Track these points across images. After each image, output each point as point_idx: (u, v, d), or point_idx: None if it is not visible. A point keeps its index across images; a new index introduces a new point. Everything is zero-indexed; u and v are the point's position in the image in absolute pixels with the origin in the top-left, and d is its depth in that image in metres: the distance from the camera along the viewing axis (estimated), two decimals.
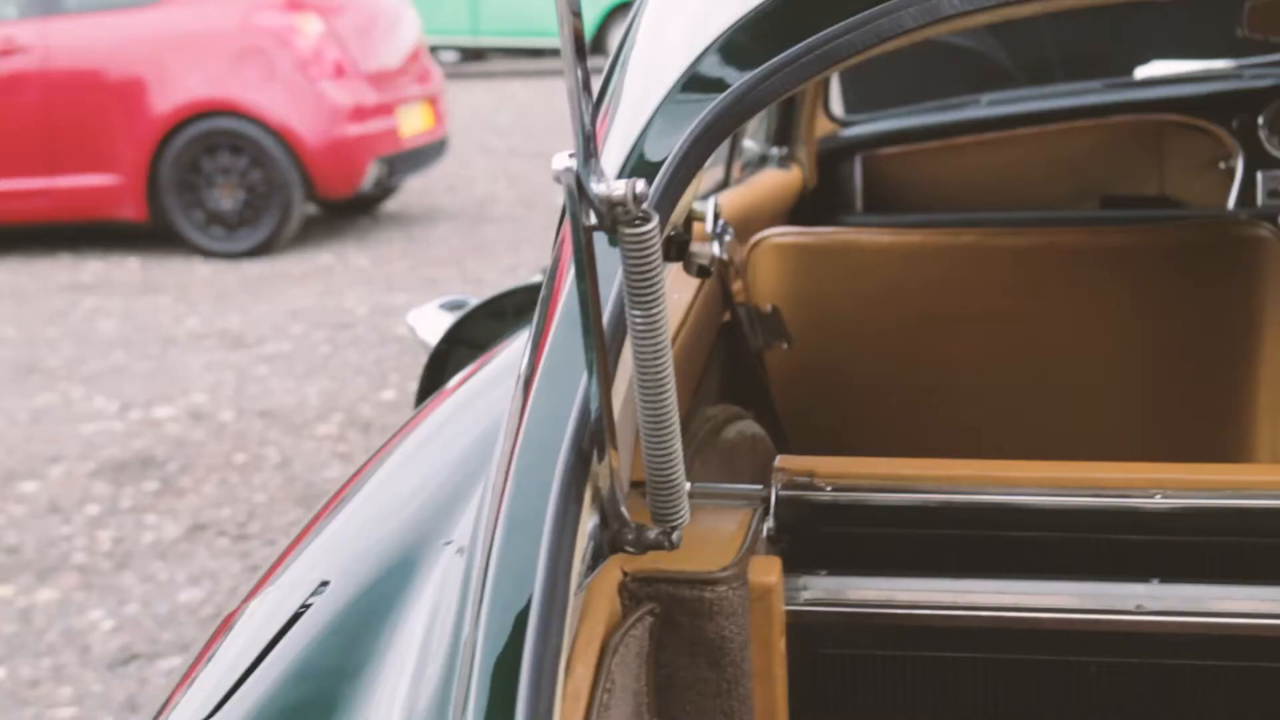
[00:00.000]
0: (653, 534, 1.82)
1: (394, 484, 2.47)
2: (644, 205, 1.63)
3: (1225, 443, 3.11)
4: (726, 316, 3.13)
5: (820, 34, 1.91)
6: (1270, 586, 2.11)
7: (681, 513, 1.81)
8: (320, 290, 10.74)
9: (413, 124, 12.88)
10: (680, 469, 1.78)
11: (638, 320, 1.67)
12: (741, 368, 3.14)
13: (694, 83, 1.97)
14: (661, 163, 1.91)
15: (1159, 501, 2.14)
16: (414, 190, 14.45)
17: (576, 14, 1.55)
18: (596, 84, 2.23)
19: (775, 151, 4.44)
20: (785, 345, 3.15)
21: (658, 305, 1.66)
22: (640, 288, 1.65)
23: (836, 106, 5.15)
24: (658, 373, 1.70)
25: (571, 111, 1.58)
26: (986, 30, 5.30)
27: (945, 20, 1.90)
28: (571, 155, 1.60)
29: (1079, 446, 3.14)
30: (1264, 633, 2.10)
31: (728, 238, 3.07)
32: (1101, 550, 2.16)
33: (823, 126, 4.71)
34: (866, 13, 1.90)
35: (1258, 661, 2.12)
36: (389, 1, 13.60)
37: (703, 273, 2.66)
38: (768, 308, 3.14)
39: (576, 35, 1.56)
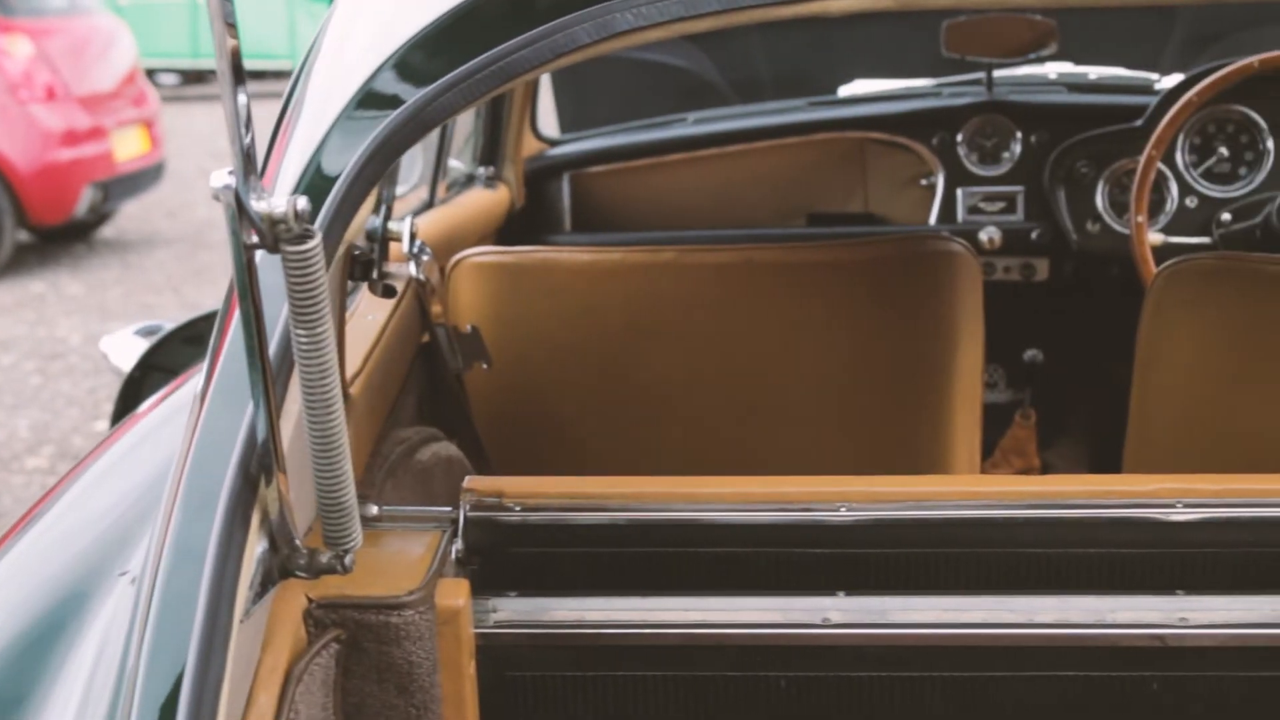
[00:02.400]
0: (325, 558, 1.79)
1: (76, 512, 2.40)
2: (307, 223, 1.59)
3: (925, 455, 3.15)
4: (425, 338, 3.09)
5: (495, 49, 1.90)
6: (950, 596, 2.14)
7: (354, 536, 1.78)
8: (32, 319, 10.47)
9: (128, 148, 12.62)
10: (350, 492, 1.75)
11: (302, 340, 1.64)
12: (441, 389, 3.10)
13: (369, 99, 1.95)
14: (337, 178, 1.88)
15: (843, 515, 2.16)
16: (131, 215, 14.17)
17: (232, 26, 1.51)
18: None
19: (482, 171, 4.41)
20: (485, 365, 3.12)
21: (322, 325, 1.63)
22: (304, 307, 1.62)
23: (550, 126, 5.15)
24: (324, 393, 1.67)
25: (229, 129, 1.54)
26: (698, 49, 5.34)
27: (620, 35, 1.90)
28: (231, 173, 1.56)
29: (784, 461, 3.16)
30: (944, 642, 2.13)
31: (425, 258, 3.04)
32: (789, 564, 2.17)
33: (531, 146, 4.69)
34: (541, 28, 1.89)
35: (940, 671, 2.14)
36: (103, 23, 13.33)
37: (388, 293, 2.63)
38: (467, 328, 3.11)
39: (233, 53, 1.53)
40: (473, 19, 1.96)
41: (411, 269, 3.03)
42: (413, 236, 3.02)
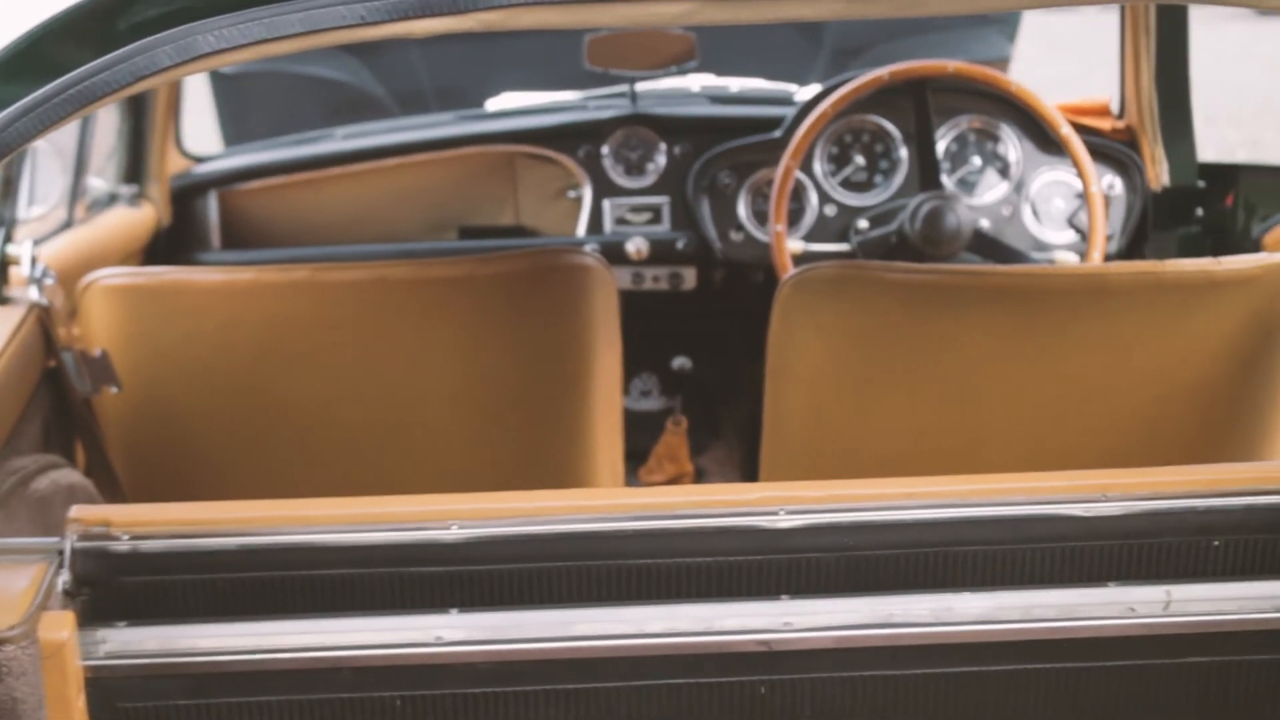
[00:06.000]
0: None
1: None
2: None
3: (568, 468, 3.16)
4: (51, 363, 3.03)
5: (73, 74, 1.86)
6: (562, 609, 2.16)
7: None
8: None
9: None
10: None
11: None
12: (69, 415, 3.04)
13: None
14: None
15: (455, 532, 2.16)
16: None
17: None
18: None
19: (125, 189, 4.32)
20: (114, 389, 3.06)
21: None
22: None
23: (208, 142, 5.07)
24: None
25: None
26: (358, 61, 5.32)
27: (203, 58, 1.88)
28: None
29: (428, 481, 3.14)
30: (557, 655, 2.15)
31: (48, 281, 2.98)
32: (403, 584, 2.17)
33: (177, 163, 4.60)
34: (120, 50, 1.86)
35: (553, 684, 2.16)
36: None
37: None
38: (96, 352, 3.05)
39: None
40: (47, 43, 1.92)
41: (33, 293, 2.96)
42: (34, 260, 2.96)
